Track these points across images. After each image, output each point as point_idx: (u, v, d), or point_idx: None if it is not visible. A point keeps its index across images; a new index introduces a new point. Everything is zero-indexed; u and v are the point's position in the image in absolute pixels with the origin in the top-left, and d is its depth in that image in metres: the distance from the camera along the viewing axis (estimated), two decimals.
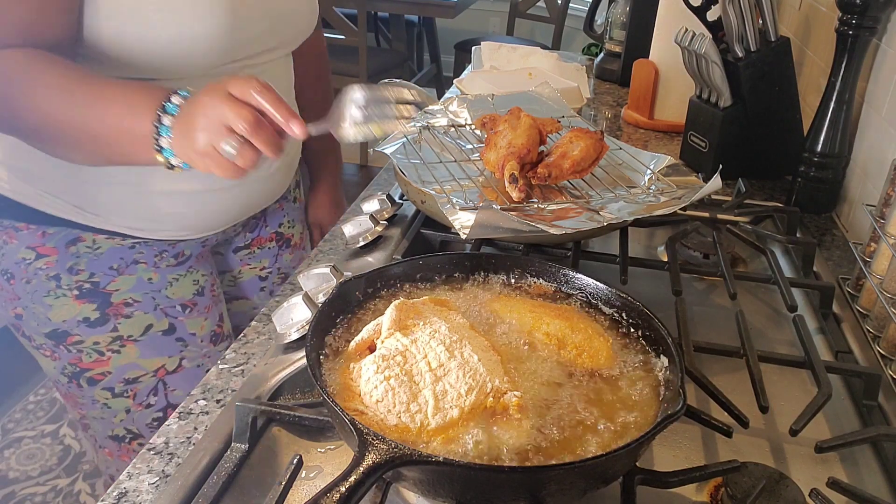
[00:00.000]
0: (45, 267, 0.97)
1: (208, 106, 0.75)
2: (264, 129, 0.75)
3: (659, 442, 0.71)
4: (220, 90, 0.75)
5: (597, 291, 0.76)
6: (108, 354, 1.02)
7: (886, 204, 0.92)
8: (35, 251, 0.97)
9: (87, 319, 1.00)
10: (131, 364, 1.03)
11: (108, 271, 1.00)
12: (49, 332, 1.00)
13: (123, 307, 1.01)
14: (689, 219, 1.09)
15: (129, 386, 1.04)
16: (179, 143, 0.78)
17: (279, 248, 1.26)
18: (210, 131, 0.75)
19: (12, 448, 2.20)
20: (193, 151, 0.76)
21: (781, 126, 1.33)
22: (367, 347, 0.65)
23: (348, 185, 4.14)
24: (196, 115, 0.75)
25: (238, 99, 0.74)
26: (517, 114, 1.07)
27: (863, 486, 0.68)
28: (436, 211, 0.96)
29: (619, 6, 1.93)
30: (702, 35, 1.28)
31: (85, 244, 0.98)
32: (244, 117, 0.73)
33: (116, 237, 0.99)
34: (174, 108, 0.78)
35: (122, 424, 1.06)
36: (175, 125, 0.78)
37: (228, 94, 0.75)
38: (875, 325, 0.88)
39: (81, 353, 1.01)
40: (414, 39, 5.36)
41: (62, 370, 1.02)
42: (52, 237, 0.97)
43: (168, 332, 1.05)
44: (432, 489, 0.55)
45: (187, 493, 0.63)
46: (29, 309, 0.99)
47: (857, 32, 1.11)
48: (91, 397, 1.04)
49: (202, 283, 1.10)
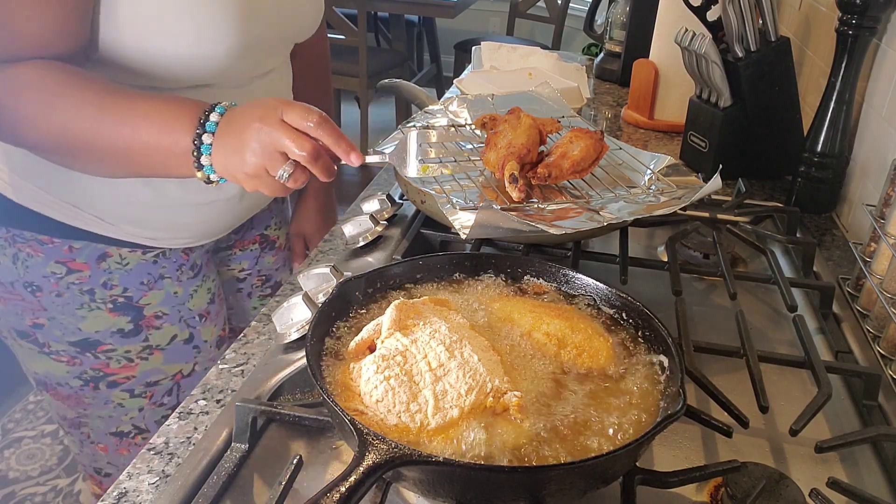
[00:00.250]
0: (78, 282, 0.99)
1: (263, 132, 0.76)
2: (322, 159, 0.78)
3: (659, 442, 0.71)
4: (273, 116, 0.76)
5: (597, 291, 0.76)
6: (137, 361, 1.05)
7: (886, 204, 0.92)
8: (65, 266, 0.98)
9: (122, 330, 1.02)
10: (155, 369, 1.07)
11: (140, 286, 1.03)
12: (77, 340, 1.01)
13: (154, 319, 1.05)
14: (689, 219, 1.09)
15: (149, 388, 1.07)
16: (223, 161, 0.79)
17: (261, 251, 1.26)
18: (265, 156, 0.77)
19: (12, 448, 2.20)
20: (243, 172, 0.78)
21: (781, 126, 1.33)
22: (367, 347, 0.65)
23: (348, 185, 4.14)
24: (248, 139, 0.77)
25: (294, 127, 0.76)
26: (517, 114, 1.07)
27: (863, 486, 0.68)
28: (436, 211, 0.96)
29: (619, 6, 1.93)
30: (702, 35, 1.28)
31: (114, 259, 1.00)
32: (304, 148, 0.76)
33: (138, 250, 1.01)
34: (213, 126, 0.80)
35: (131, 421, 1.08)
36: (217, 143, 0.79)
37: (282, 121, 0.76)
38: (875, 325, 0.88)
39: (110, 360, 1.03)
40: (414, 39, 5.36)
41: (79, 374, 1.03)
42: (80, 252, 0.98)
43: (188, 340, 1.09)
44: (432, 489, 0.55)
45: (187, 493, 0.63)
46: (56, 319, 1.00)
47: (857, 32, 1.11)
48: (105, 398, 1.05)
49: (213, 290, 1.13)
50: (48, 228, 0.97)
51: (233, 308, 1.27)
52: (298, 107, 0.78)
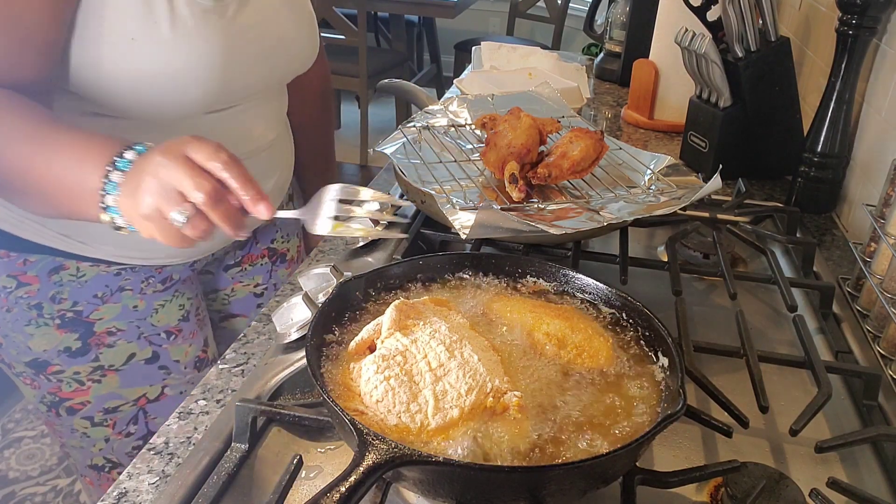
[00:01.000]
0: (26, 296, 0.94)
1: (161, 166, 0.67)
2: (224, 205, 0.69)
3: (659, 442, 0.71)
4: (176, 151, 0.68)
5: (597, 291, 0.76)
6: (88, 384, 0.99)
7: (886, 204, 0.92)
8: (16, 279, 0.94)
9: (69, 349, 0.97)
10: (111, 393, 1.01)
11: (92, 300, 0.96)
12: (29, 360, 0.97)
13: (106, 336, 0.98)
14: (689, 219, 1.09)
15: (109, 415, 1.01)
16: (125, 202, 0.71)
17: (273, 264, 1.23)
18: (159, 195, 0.68)
19: (12, 448, 2.20)
20: (137, 214, 0.70)
21: (781, 126, 1.33)
22: (367, 347, 0.65)
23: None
24: (145, 175, 0.68)
25: (198, 165, 0.68)
26: (517, 114, 1.07)
27: (863, 486, 0.68)
28: (436, 211, 0.96)
29: (619, 6, 1.93)
30: (702, 35, 1.28)
31: (68, 272, 0.95)
32: (203, 188, 0.67)
33: (102, 264, 0.96)
34: (126, 164, 0.71)
35: (102, 454, 1.04)
36: (123, 183, 0.71)
37: (186, 157, 0.68)
38: (875, 325, 0.88)
39: (61, 382, 0.98)
40: (414, 39, 5.36)
41: (41, 399, 1.00)
42: (33, 265, 0.94)
43: (151, 360, 1.02)
44: (432, 489, 0.55)
45: (187, 493, 0.63)
46: (9, 337, 0.96)
47: (857, 32, 1.11)
48: (70, 426, 1.01)
49: (188, 307, 1.07)
50: (7, 244, 0.93)
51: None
52: (207, 144, 0.69)
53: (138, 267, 0.99)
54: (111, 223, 0.74)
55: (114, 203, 0.72)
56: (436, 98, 1.35)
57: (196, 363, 1.09)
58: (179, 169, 0.67)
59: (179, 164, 0.67)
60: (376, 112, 4.87)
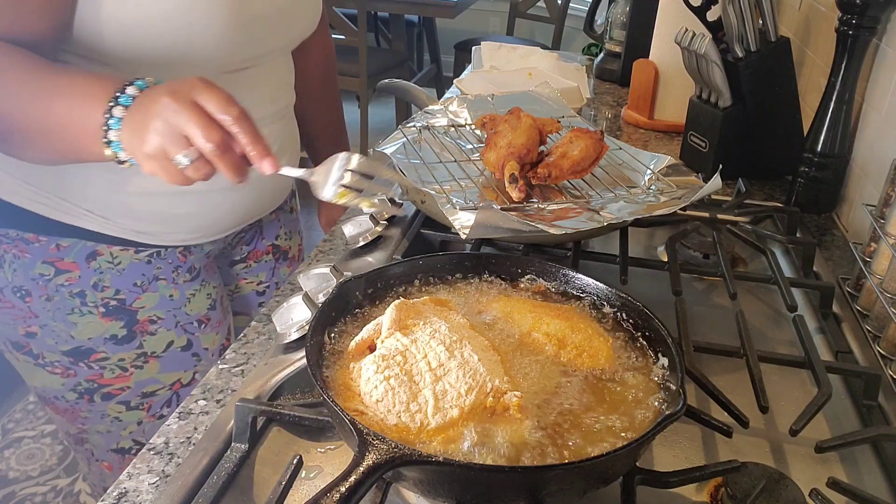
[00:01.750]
0: (67, 283, 0.94)
1: (169, 109, 0.68)
2: (231, 155, 0.70)
3: (659, 442, 0.71)
4: (186, 96, 0.68)
5: (597, 291, 0.76)
6: (131, 370, 1.00)
7: (886, 204, 0.92)
8: (54, 266, 0.93)
9: (115, 337, 0.98)
10: (151, 379, 1.02)
11: (133, 288, 0.98)
12: (70, 349, 0.97)
13: (149, 324, 1.00)
14: (689, 219, 1.09)
15: (146, 399, 1.03)
16: (129, 138, 0.72)
17: (276, 262, 1.24)
18: (166, 136, 0.68)
19: (12, 448, 2.20)
20: (141, 151, 0.70)
21: (781, 126, 1.33)
22: (367, 347, 0.65)
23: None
24: (152, 116, 0.69)
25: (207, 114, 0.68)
26: (517, 114, 1.07)
27: (863, 486, 0.68)
28: (436, 211, 0.96)
29: (619, 6, 1.93)
30: (702, 35, 1.28)
31: (105, 258, 0.95)
32: (212, 139, 0.67)
33: (131, 247, 0.97)
34: (128, 100, 0.72)
35: (131, 436, 1.04)
36: (127, 118, 0.72)
37: (196, 103, 0.68)
38: (875, 325, 0.88)
39: (104, 369, 0.99)
40: (414, 39, 5.36)
41: (73, 387, 0.99)
42: (68, 250, 0.93)
43: (186, 347, 1.04)
44: (432, 489, 0.55)
45: (187, 493, 0.63)
46: (48, 327, 0.96)
47: (857, 32, 1.11)
48: (101, 412, 1.02)
49: (214, 296, 1.09)
50: (32, 225, 0.92)
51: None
52: (219, 93, 0.69)
53: (163, 251, 1.00)
54: (114, 158, 0.74)
55: (116, 138, 0.72)
56: (436, 98, 1.35)
57: (221, 351, 1.11)
58: (189, 116, 0.67)
59: (189, 110, 0.67)
60: (376, 112, 4.87)
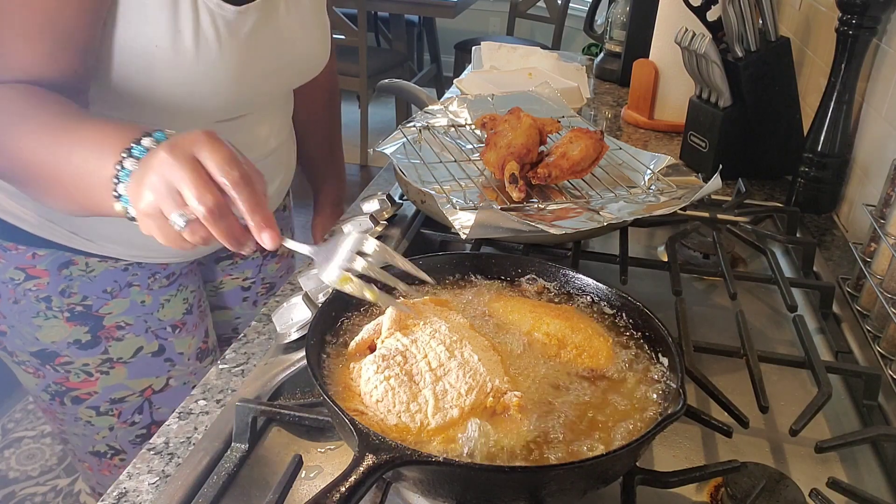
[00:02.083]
0: (34, 288, 0.94)
1: (165, 164, 0.62)
2: (227, 220, 0.63)
3: (659, 442, 0.71)
4: (186, 151, 0.62)
5: (597, 291, 0.76)
6: (97, 375, 1.00)
7: (886, 204, 0.92)
8: (24, 272, 0.94)
9: (78, 342, 0.97)
10: (119, 385, 1.01)
11: (102, 294, 0.97)
12: (36, 351, 0.98)
13: (115, 330, 0.99)
14: (689, 219, 1.09)
15: (115, 405, 1.02)
16: (131, 193, 0.66)
17: (263, 259, 1.24)
18: (160, 194, 0.62)
19: (12, 448, 2.20)
20: (137, 208, 0.65)
21: (781, 126, 1.33)
22: (367, 347, 0.65)
23: (349, 185, 4.13)
24: (149, 170, 0.63)
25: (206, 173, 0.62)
26: (517, 114, 1.07)
27: (863, 486, 0.68)
28: (436, 211, 0.96)
29: (619, 6, 1.93)
30: (702, 35, 1.28)
31: (78, 267, 0.95)
32: (205, 203, 0.61)
33: (110, 260, 0.97)
34: (142, 151, 0.66)
35: (104, 441, 1.04)
36: (134, 172, 0.66)
37: (195, 160, 0.62)
38: (875, 325, 0.88)
39: (69, 373, 0.99)
40: (414, 39, 5.36)
41: (45, 388, 1.00)
42: (42, 259, 0.94)
43: (157, 353, 1.03)
44: (432, 489, 0.55)
45: (187, 493, 0.63)
46: (15, 328, 0.97)
47: (857, 32, 1.11)
48: (74, 415, 1.02)
49: (191, 300, 1.08)
50: (12, 236, 0.93)
51: (239, 316, 1.26)
52: (221, 152, 0.63)
53: (145, 263, 1.00)
54: (124, 213, 0.68)
55: (125, 192, 0.67)
56: (436, 98, 1.35)
57: (198, 354, 1.10)
58: (185, 173, 0.61)
59: (186, 167, 0.61)
60: (376, 112, 4.87)
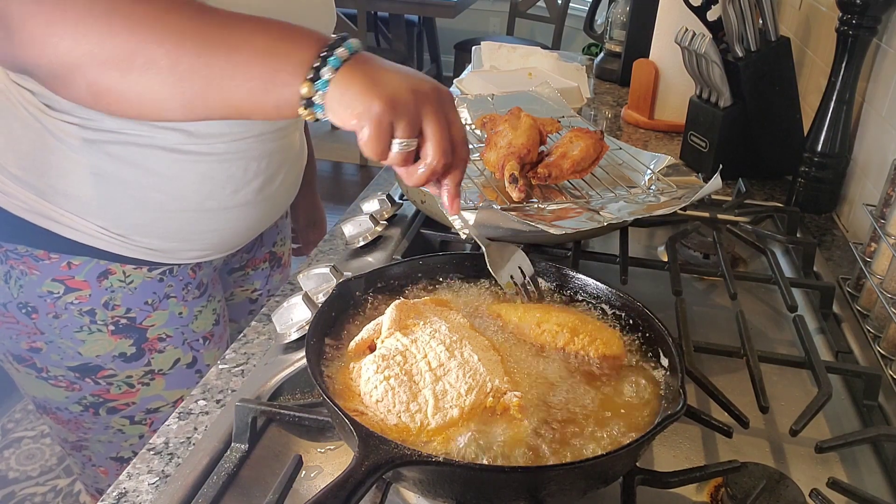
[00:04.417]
0: (77, 301, 0.92)
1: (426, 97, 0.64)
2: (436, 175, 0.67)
3: (659, 442, 0.71)
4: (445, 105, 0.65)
5: (597, 291, 0.76)
6: (138, 387, 1.00)
7: (886, 204, 0.92)
8: (63, 284, 0.91)
9: (123, 354, 0.97)
10: (156, 395, 1.02)
11: (144, 306, 0.97)
12: (76, 366, 0.96)
13: (157, 342, 0.99)
14: (689, 219, 1.09)
15: (149, 415, 1.03)
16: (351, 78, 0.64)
17: (271, 269, 1.23)
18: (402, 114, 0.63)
19: (12, 448, 2.20)
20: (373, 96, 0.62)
21: (781, 126, 1.33)
22: (367, 347, 0.65)
23: (348, 185, 4.14)
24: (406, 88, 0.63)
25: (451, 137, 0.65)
26: (517, 114, 1.07)
27: (863, 486, 0.68)
28: (436, 211, 0.96)
29: (619, 6, 1.94)
30: (702, 35, 1.28)
31: (116, 277, 0.94)
32: (446, 159, 0.65)
33: (144, 266, 0.95)
34: (337, 62, 0.64)
35: (131, 447, 1.04)
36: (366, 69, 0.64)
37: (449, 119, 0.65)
38: (875, 325, 0.88)
39: (111, 385, 0.98)
40: (414, 39, 5.37)
41: (78, 400, 0.99)
42: (79, 269, 0.91)
43: (191, 364, 1.04)
44: (432, 489, 0.55)
45: (187, 493, 0.63)
46: (53, 343, 0.95)
47: (857, 32, 1.11)
48: (105, 424, 1.01)
49: (219, 311, 1.08)
50: (44, 242, 0.90)
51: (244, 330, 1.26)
52: (461, 126, 0.67)
53: (175, 269, 0.99)
54: (306, 95, 0.64)
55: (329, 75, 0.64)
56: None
57: None
58: (440, 124, 0.64)
59: (441, 119, 0.64)
60: None
